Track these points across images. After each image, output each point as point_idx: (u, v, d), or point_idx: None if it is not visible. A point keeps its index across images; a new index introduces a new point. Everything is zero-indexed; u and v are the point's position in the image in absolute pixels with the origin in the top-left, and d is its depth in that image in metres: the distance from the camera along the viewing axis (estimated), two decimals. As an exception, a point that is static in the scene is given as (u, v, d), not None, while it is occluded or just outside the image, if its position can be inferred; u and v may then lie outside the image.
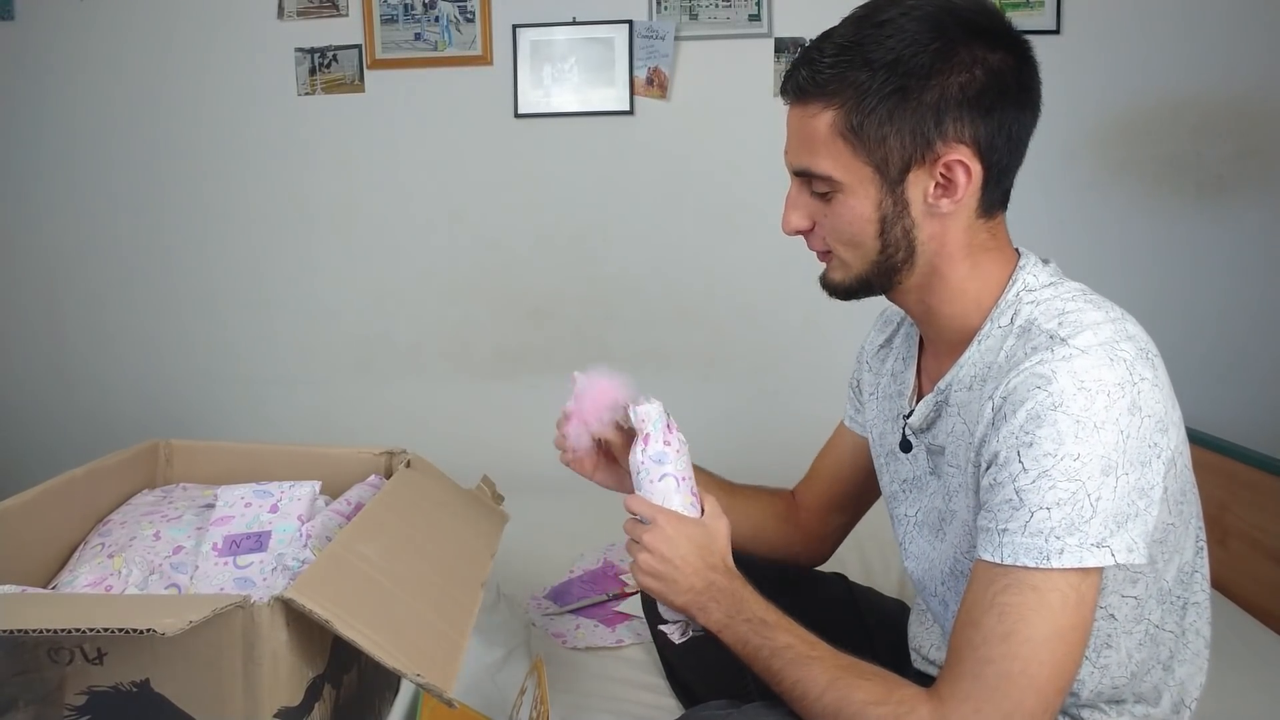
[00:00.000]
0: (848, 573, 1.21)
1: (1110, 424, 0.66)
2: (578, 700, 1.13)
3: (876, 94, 0.72)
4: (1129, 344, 0.70)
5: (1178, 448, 0.72)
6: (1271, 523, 1.39)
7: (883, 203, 0.76)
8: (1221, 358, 2.11)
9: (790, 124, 0.78)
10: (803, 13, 2.13)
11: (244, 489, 1.04)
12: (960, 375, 0.79)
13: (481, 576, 0.96)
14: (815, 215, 0.79)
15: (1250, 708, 1.11)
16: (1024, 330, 0.74)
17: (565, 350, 2.32)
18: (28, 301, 2.41)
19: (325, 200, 2.32)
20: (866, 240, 0.77)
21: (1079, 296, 0.75)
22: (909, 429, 0.87)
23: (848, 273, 0.80)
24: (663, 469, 0.87)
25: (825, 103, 0.74)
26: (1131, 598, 0.76)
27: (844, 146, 0.74)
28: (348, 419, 2.38)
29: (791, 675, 0.75)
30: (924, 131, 0.73)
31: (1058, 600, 0.66)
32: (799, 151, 0.77)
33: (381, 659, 0.71)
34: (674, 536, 0.83)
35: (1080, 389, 0.66)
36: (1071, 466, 0.66)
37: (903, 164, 0.74)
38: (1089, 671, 0.78)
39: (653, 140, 2.20)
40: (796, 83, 0.76)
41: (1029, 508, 0.67)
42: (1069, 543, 0.66)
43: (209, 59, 2.27)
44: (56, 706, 0.71)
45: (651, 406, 0.89)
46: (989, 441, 0.71)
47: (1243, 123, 2.07)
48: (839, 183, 0.75)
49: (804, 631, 0.79)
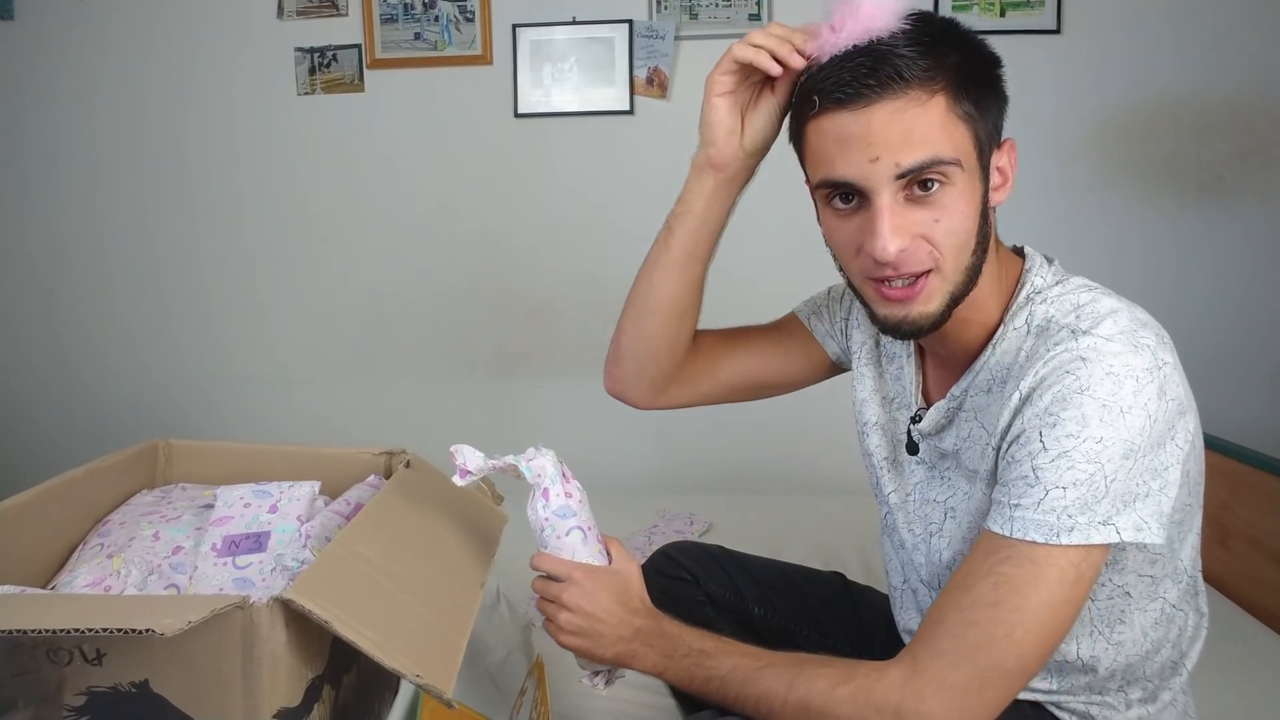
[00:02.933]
0: (845, 568, 1.21)
1: (1138, 409, 0.66)
2: (578, 700, 1.13)
3: (972, 75, 0.71)
4: (1147, 331, 0.70)
5: (1196, 429, 0.73)
6: (1272, 523, 1.39)
7: (982, 191, 0.73)
8: (1221, 357, 2.11)
9: (880, 123, 0.68)
10: (803, 13, 2.11)
11: (243, 489, 1.03)
12: (977, 380, 0.79)
13: (481, 577, 0.96)
14: (917, 228, 0.70)
15: (1250, 707, 1.11)
16: (1042, 329, 0.74)
17: (565, 350, 2.32)
18: (27, 301, 2.41)
19: (325, 200, 2.32)
20: (970, 238, 0.72)
21: (1087, 289, 0.75)
22: (917, 432, 0.86)
23: (944, 292, 0.73)
24: (568, 523, 0.83)
25: (930, 88, 0.68)
26: (1148, 576, 0.78)
27: (962, 129, 0.70)
28: (347, 419, 2.38)
29: (750, 694, 0.73)
30: (999, 119, 0.74)
31: (1055, 575, 0.66)
32: (910, 146, 0.68)
33: (381, 659, 0.71)
34: (592, 590, 0.81)
35: (1108, 374, 0.66)
36: (1093, 449, 0.66)
37: (990, 149, 0.73)
38: (1104, 649, 0.79)
39: (653, 140, 2.20)
40: (887, 71, 0.68)
41: (1044, 485, 0.67)
42: (1079, 521, 0.66)
43: (209, 59, 2.27)
44: (55, 707, 0.71)
45: (544, 458, 0.84)
46: (1012, 428, 0.71)
47: (1242, 123, 2.07)
48: (959, 168, 0.70)
49: (745, 647, 0.77)
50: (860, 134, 0.69)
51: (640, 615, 0.82)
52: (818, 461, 2.15)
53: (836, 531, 1.66)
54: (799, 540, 1.60)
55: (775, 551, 1.25)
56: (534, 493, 0.84)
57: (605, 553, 0.86)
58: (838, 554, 1.57)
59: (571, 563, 0.83)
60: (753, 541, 1.26)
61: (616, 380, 1.02)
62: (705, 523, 1.75)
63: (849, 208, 0.73)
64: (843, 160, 0.70)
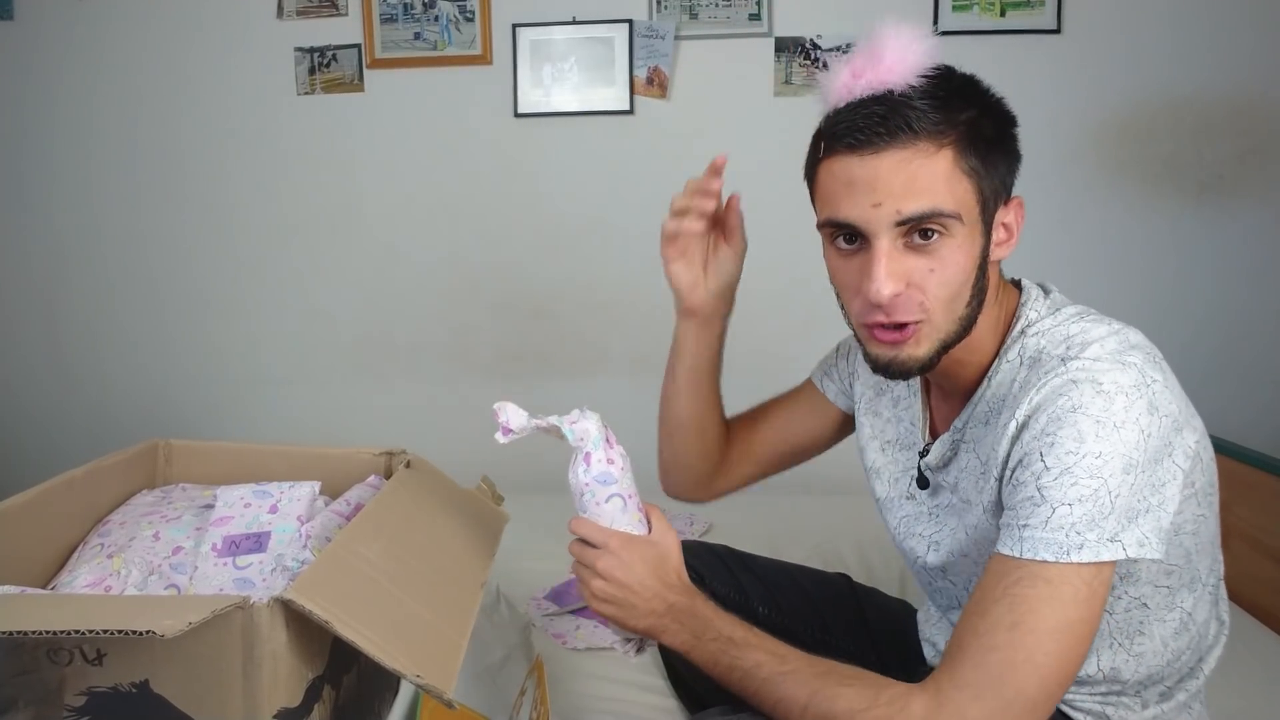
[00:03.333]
0: (848, 569, 1.21)
1: (1130, 423, 0.67)
2: (578, 700, 1.13)
3: (982, 132, 0.73)
4: (1135, 352, 0.71)
5: (1201, 443, 0.74)
6: (1272, 523, 1.40)
7: (982, 245, 0.75)
8: (1222, 357, 2.11)
9: (886, 171, 0.71)
10: (803, 13, 2.13)
11: (243, 489, 1.03)
12: (975, 413, 0.81)
13: (481, 577, 0.96)
14: (911, 275, 0.73)
15: (1251, 707, 1.11)
16: (1034, 361, 0.76)
17: (565, 350, 2.32)
18: (27, 301, 2.41)
19: (325, 200, 2.32)
20: (965, 291, 0.74)
21: (1079, 319, 0.77)
22: (925, 466, 0.88)
23: (934, 339, 0.75)
24: (609, 489, 0.82)
25: (938, 141, 0.71)
26: (1165, 587, 0.78)
27: (966, 185, 0.72)
28: (347, 419, 2.38)
29: (770, 696, 0.73)
30: (1008, 177, 0.76)
31: (1069, 593, 0.66)
32: (913, 196, 0.71)
33: (381, 660, 0.71)
34: (629, 561, 0.80)
35: (1098, 393, 0.68)
36: (1094, 464, 0.67)
37: (995, 207, 0.75)
38: (1125, 660, 0.80)
39: (653, 140, 2.20)
40: (898, 121, 0.70)
41: (1050, 504, 0.67)
42: (1089, 538, 0.66)
43: (208, 58, 2.27)
44: (56, 707, 0.71)
45: (589, 421, 0.82)
46: (1012, 456, 0.72)
47: (1243, 123, 2.07)
48: (959, 222, 0.72)
49: (774, 644, 0.76)
50: (866, 179, 0.71)
51: (675, 591, 0.81)
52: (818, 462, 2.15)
53: (836, 532, 1.66)
54: (799, 541, 1.60)
55: (775, 552, 1.25)
56: (576, 456, 0.82)
57: (646, 521, 0.84)
58: (838, 555, 1.57)
59: (609, 530, 0.81)
60: (753, 542, 1.26)
61: (670, 486, 1.10)
62: (705, 523, 1.75)
63: (851, 249, 0.76)
64: (848, 203, 0.73)
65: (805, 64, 2.13)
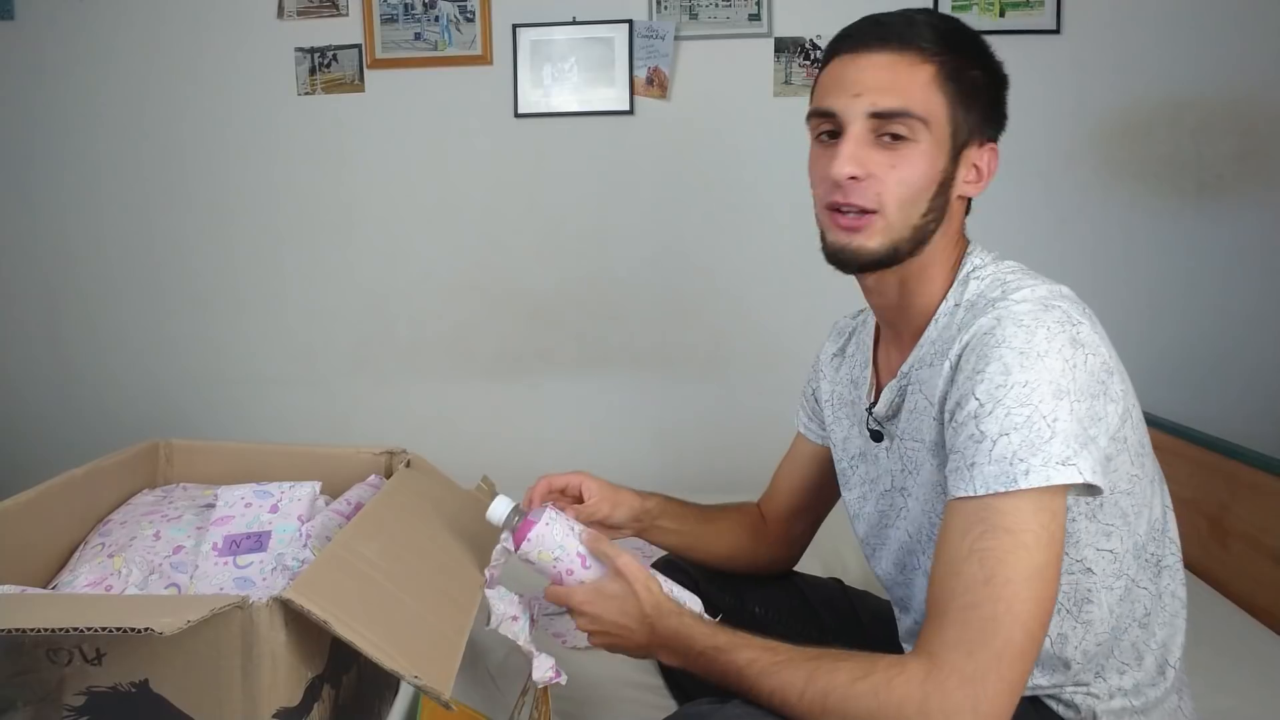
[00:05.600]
0: (845, 574, 1.23)
1: (1054, 353, 0.71)
2: (578, 700, 1.13)
3: (973, 69, 0.80)
4: (1063, 300, 0.76)
5: (1128, 395, 0.77)
6: (1272, 523, 1.39)
7: (945, 167, 0.80)
8: (1222, 357, 2.11)
9: (873, 68, 0.79)
10: (803, 13, 2.13)
11: (244, 489, 1.04)
12: (921, 355, 0.84)
13: (481, 577, 0.96)
14: (872, 166, 0.79)
15: (1250, 707, 1.11)
16: (971, 304, 0.81)
17: (565, 350, 2.32)
18: (27, 301, 2.41)
19: (325, 200, 2.31)
20: (921, 200, 0.80)
21: (1018, 271, 0.82)
22: (875, 419, 0.90)
23: (887, 237, 0.80)
24: (552, 552, 0.90)
25: (926, 57, 0.78)
26: (1107, 551, 0.79)
27: (941, 101, 0.78)
28: (347, 419, 2.38)
29: (765, 686, 0.74)
30: (990, 118, 0.82)
31: (1031, 540, 0.68)
32: (890, 92, 0.78)
33: (380, 660, 0.71)
34: (598, 613, 0.87)
35: (1019, 327, 0.72)
36: (1021, 393, 0.70)
37: (966, 139, 0.81)
38: (1072, 627, 0.80)
39: (653, 140, 2.20)
40: (897, 30, 0.79)
41: (990, 437, 0.70)
42: (1033, 463, 0.68)
43: (208, 58, 2.27)
44: (55, 707, 0.71)
45: (498, 503, 0.92)
46: (949, 396, 0.76)
47: (1243, 123, 2.07)
48: (927, 131, 0.78)
49: (761, 640, 0.78)
50: (854, 74, 0.80)
51: (651, 619, 0.84)
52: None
53: (835, 533, 1.65)
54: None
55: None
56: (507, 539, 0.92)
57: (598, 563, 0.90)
58: (837, 555, 1.57)
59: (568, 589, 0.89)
60: (752, 541, 1.26)
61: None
62: (705, 523, 1.75)
63: (831, 143, 0.81)
64: (833, 93, 0.81)
65: (805, 64, 2.13)
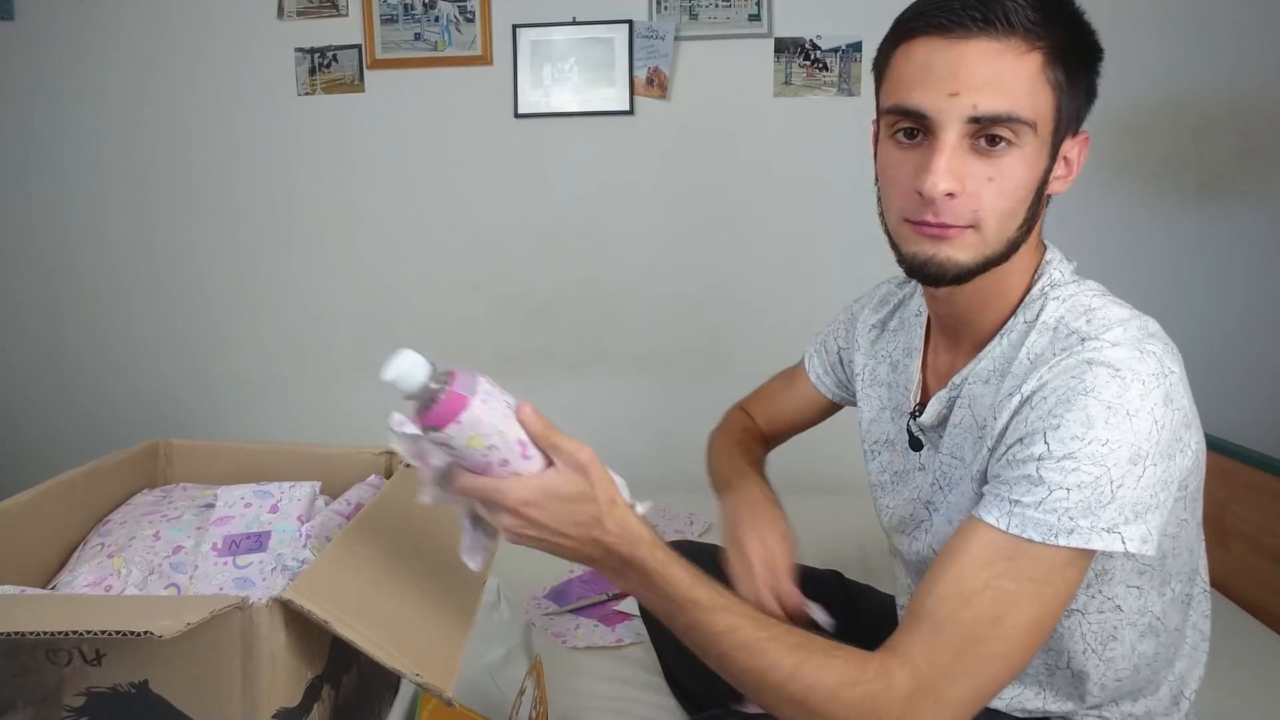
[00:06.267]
0: (845, 568, 1.22)
1: (1145, 413, 0.65)
2: (577, 700, 1.13)
3: (1074, 50, 0.69)
4: (1155, 340, 0.69)
5: (1200, 444, 0.72)
6: (1272, 523, 1.39)
7: (1045, 168, 0.71)
8: (1222, 357, 2.11)
9: (973, 59, 0.66)
10: (803, 13, 2.13)
11: (244, 489, 1.03)
12: (978, 369, 0.77)
13: (482, 577, 0.96)
14: (968, 179, 0.68)
15: (1250, 707, 1.11)
16: (1048, 328, 0.73)
17: (565, 350, 2.32)
18: (27, 301, 2.41)
19: (325, 200, 2.32)
20: (1020, 211, 0.70)
21: (1101, 294, 0.75)
22: (917, 426, 0.85)
23: (979, 251, 0.70)
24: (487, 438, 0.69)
25: (1031, 42, 0.67)
26: (1135, 588, 0.76)
27: (1047, 96, 0.68)
28: (348, 419, 2.37)
29: (743, 662, 0.67)
30: (1084, 109, 0.73)
31: (1051, 593, 0.66)
32: (995, 91, 0.66)
33: (381, 659, 0.71)
34: (542, 518, 0.66)
35: (1114, 376, 0.65)
36: (1099, 451, 0.64)
37: (1065, 132, 0.71)
38: (1094, 665, 0.78)
39: (653, 140, 2.20)
40: (997, 13, 0.66)
41: (1048, 485, 0.65)
42: (1081, 524, 0.64)
43: (208, 59, 2.27)
44: (55, 707, 0.71)
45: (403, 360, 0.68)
46: (1011, 429, 0.70)
47: (1243, 123, 2.07)
48: (1033, 134, 0.68)
49: (744, 607, 0.69)
50: (948, 66, 0.67)
51: (608, 539, 0.67)
52: (817, 461, 2.14)
53: (836, 531, 1.66)
54: (798, 539, 1.60)
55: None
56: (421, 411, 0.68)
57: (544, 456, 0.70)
58: (837, 554, 1.57)
59: (500, 487, 0.67)
60: (752, 541, 1.26)
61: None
62: (705, 523, 1.75)
63: (911, 143, 0.71)
64: (922, 88, 0.68)
65: (805, 65, 2.13)
